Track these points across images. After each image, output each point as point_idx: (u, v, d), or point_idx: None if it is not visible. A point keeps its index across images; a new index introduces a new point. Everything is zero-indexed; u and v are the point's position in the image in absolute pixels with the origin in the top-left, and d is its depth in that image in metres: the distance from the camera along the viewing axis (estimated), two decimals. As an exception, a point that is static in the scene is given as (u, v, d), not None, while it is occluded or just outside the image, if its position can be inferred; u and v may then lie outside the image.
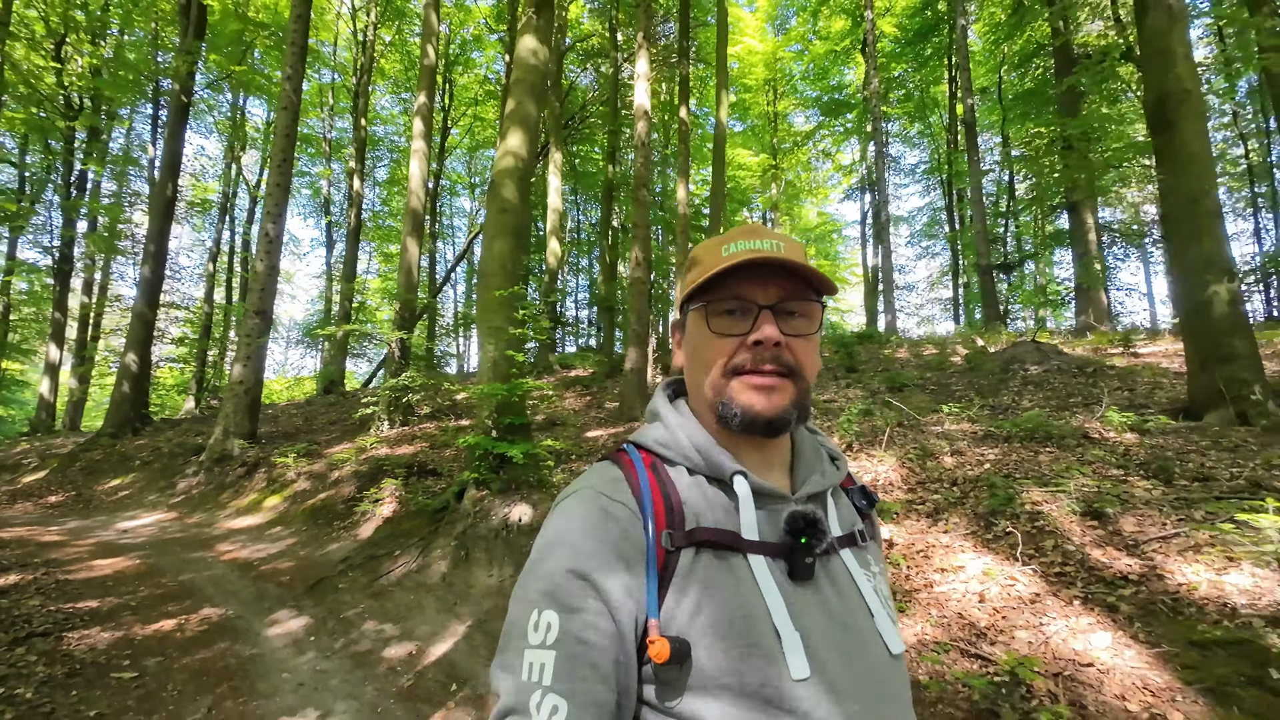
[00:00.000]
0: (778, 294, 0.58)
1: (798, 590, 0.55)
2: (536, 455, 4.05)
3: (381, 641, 2.90)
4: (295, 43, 8.87)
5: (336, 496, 5.52)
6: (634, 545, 0.53)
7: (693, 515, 0.56)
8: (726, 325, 0.59)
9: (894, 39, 19.90)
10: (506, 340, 4.51)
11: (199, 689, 2.47)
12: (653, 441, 0.62)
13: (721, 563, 0.54)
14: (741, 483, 0.57)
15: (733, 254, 0.59)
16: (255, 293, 8.37)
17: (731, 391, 0.58)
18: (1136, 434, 3.84)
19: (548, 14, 6.09)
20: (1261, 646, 1.57)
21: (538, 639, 0.49)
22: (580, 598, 0.50)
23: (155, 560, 4.44)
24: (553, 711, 0.46)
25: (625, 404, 6.83)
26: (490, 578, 3.37)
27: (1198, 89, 4.30)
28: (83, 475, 8.66)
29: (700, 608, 0.52)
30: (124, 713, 2.28)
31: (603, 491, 0.56)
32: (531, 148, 5.66)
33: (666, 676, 0.51)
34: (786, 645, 0.51)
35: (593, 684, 0.48)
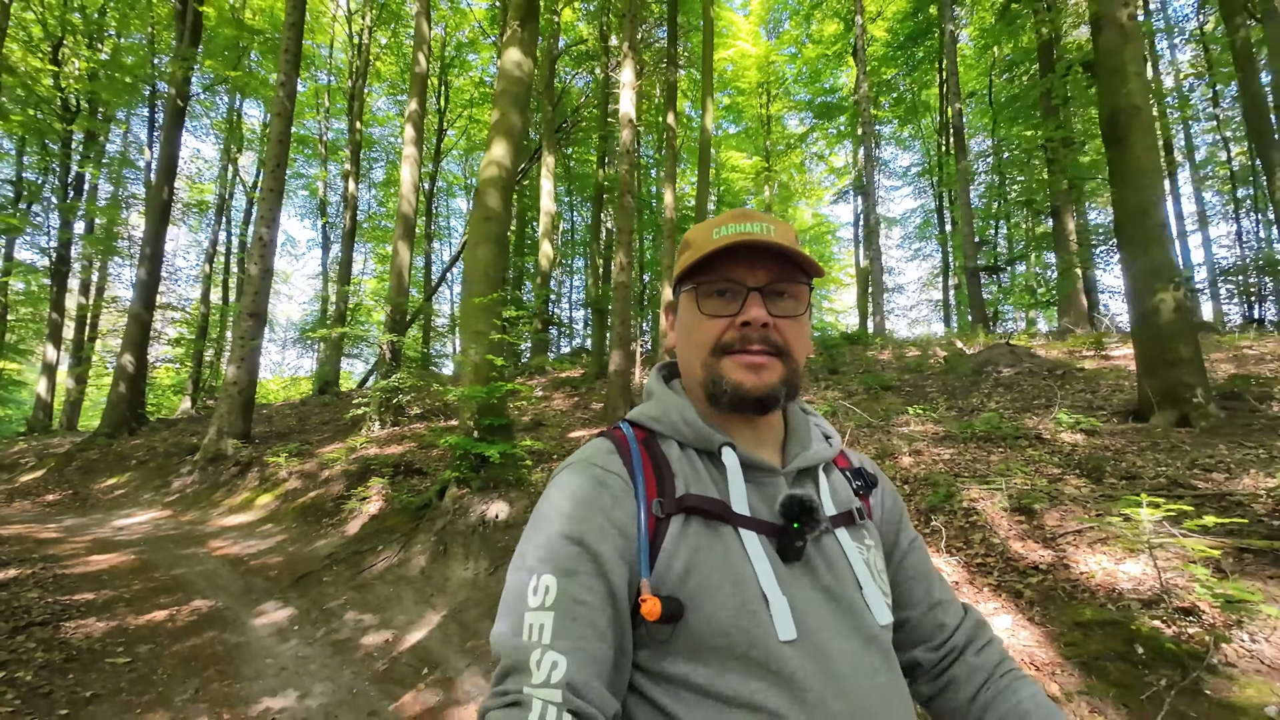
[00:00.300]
0: (766, 276, 0.60)
1: (788, 566, 0.57)
2: (515, 455, 4.24)
3: (360, 630, 3.08)
4: (289, 50, 9.04)
5: (326, 495, 5.70)
6: (626, 512, 0.55)
7: (683, 485, 0.58)
8: (716, 306, 0.61)
9: (885, 43, 20.11)
10: (488, 344, 4.69)
11: (187, 673, 2.65)
12: (645, 417, 0.65)
13: (711, 530, 0.56)
14: (730, 454, 0.59)
15: (723, 236, 0.60)
16: (249, 295, 8.53)
17: (722, 369, 0.60)
18: (1084, 435, 4.04)
19: (532, 26, 6.27)
20: (1132, 626, 1.75)
21: (536, 601, 0.50)
22: (576, 561, 0.52)
23: (149, 556, 4.62)
24: (552, 667, 0.47)
25: (610, 406, 7.02)
26: (466, 571, 3.55)
27: (1148, 105, 4.50)
28: (79, 474, 8.82)
29: (690, 571, 0.54)
30: (117, 694, 2.46)
31: (595, 463, 0.59)
32: (515, 158, 5.84)
33: (659, 635, 0.53)
34: (774, 608, 0.52)
35: (591, 641, 0.49)
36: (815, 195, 26.98)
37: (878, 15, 20.28)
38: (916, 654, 0.67)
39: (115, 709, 2.34)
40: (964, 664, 0.65)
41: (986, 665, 0.65)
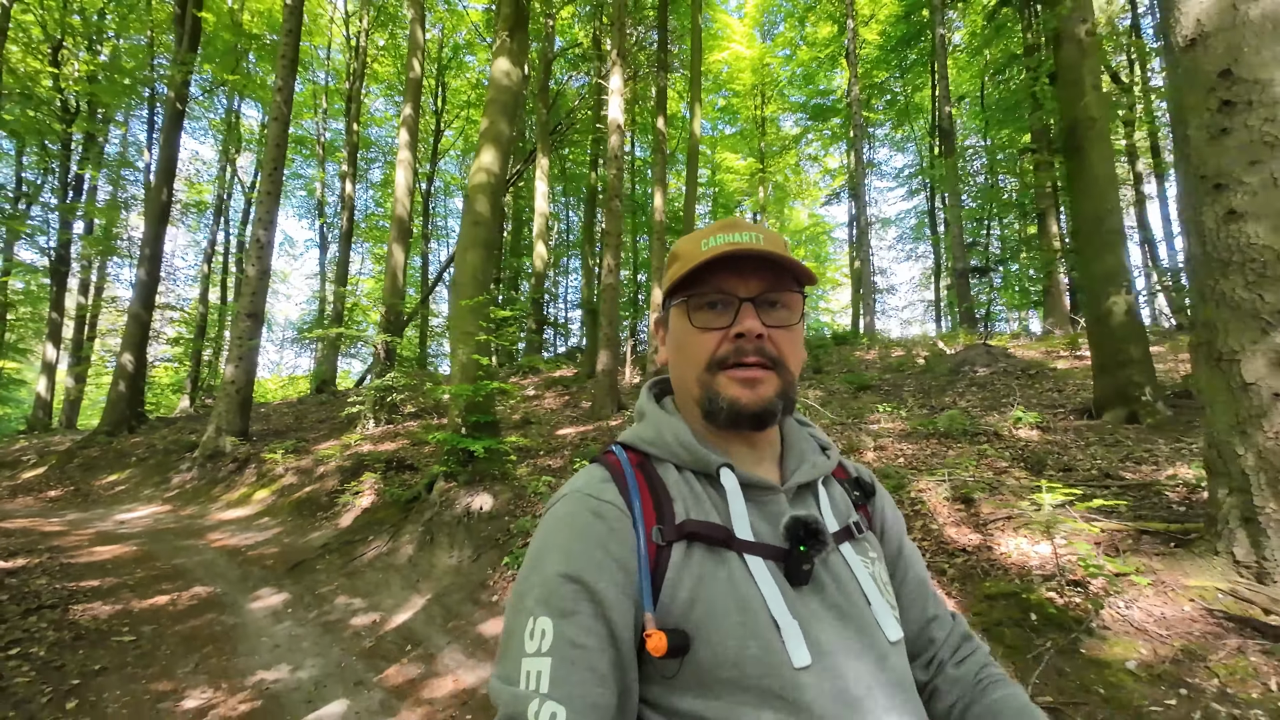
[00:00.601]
0: (758, 286, 0.59)
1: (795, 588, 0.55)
2: (500, 450, 4.45)
3: (350, 613, 3.29)
4: (286, 56, 9.22)
5: (320, 490, 5.91)
6: (624, 543, 0.53)
7: (682, 510, 0.56)
8: (708, 319, 0.59)
9: (878, 46, 20.31)
10: (475, 345, 4.91)
11: (188, 650, 2.86)
12: (639, 440, 0.63)
13: (714, 556, 0.54)
14: (728, 475, 0.58)
15: (711, 247, 0.58)
16: (247, 296, 8.73)
17: (717, 385, 0.58)
18: (1039, 431, 4.26)
19: (521, 36, 6.47)
20: (1029, 597, 1.97)
21: (533, 646, 0.49)
22: (574, 601, 0.50)
23: (150, 547, 4.83)
24: (551, 718, 0.45)
25: (597, 404, 7.23)
26: (450, 559, 3.77)
27: (1104, 117, 4.71)
28: (81, 471, 9.02)
29: (695, 600, 0.52)
30: (124, 667, 2.67)
31: (589, 493, 0.56)
32: (504, 164, 6.04)
33: (666, 671, 0.51)
34: (786, 634, 0.51)
35: (591, 687, 0.48)
36: (811, 196, 27.17)
37: (870, 18, 20.47)
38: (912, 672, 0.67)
39: (122, 680, 2.55)
40: (944, 676, 0.65)
41: (967, 676, 0.64)
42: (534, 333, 13.80)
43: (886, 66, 20.30)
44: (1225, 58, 2.05)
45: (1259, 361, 1.87)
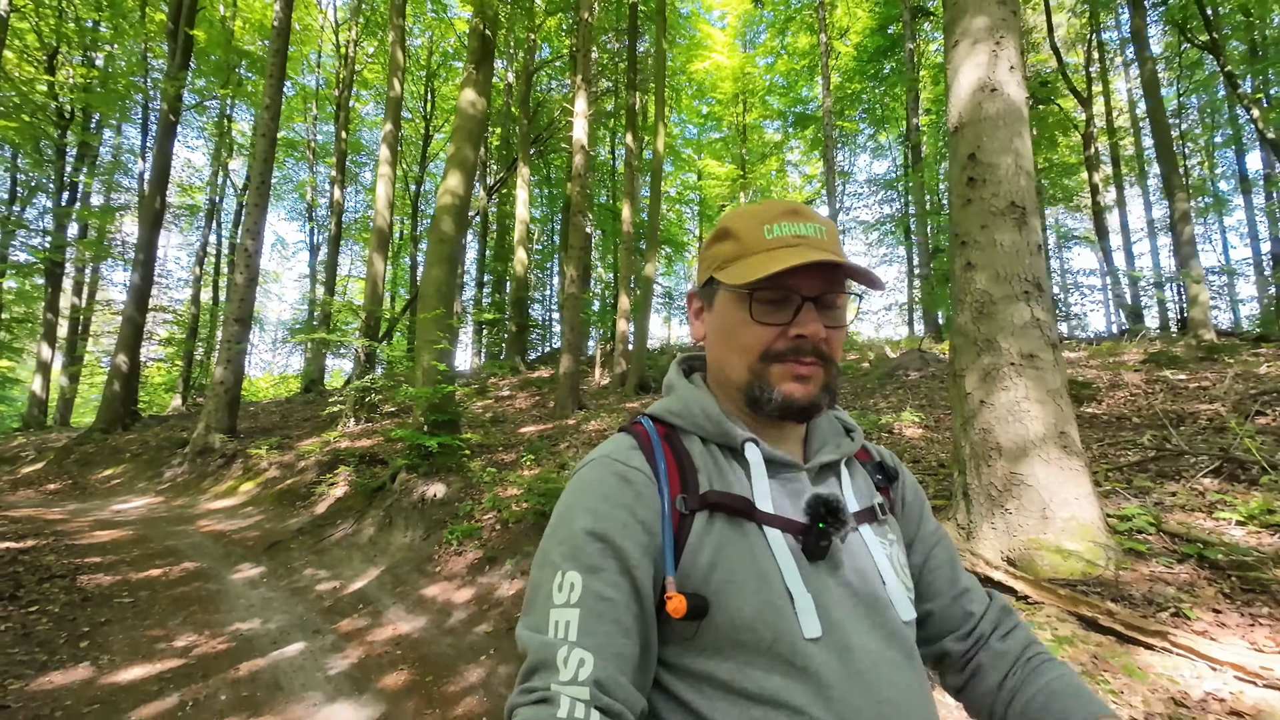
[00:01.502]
0: (821, 286, 0.59)
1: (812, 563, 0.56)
2: (454, 446, 5.06)
3: (315, 581, 3.90)
4: (273, 76, 9.77)
5: (300, 482, 6.50)
6: (649, 508, 0.55)
7: (706, 480, 0.58)
8: (767, 313, 0.59)
9: (853, 57, 21.00)
10: (435, 353, 5.51)
11: (178, 608, 3.46)
12: (666, 412, 0.64)
13: (735, 527, 0.56)
14: (753, 449, 0.59)
15: (776, 237, 0.59)
16: (235, 302, 9.29)
17: (771, 377, 0.59)
18: (924, 429, 4.90)
19: (486, 68, 7.07)
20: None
21: (562, 599, 0.50)
22: (601, 558, 0.52)
23: (145, 532, 5.41)
24: (579, 664, 0.47)
25: (559, 405, 7.84)
26: (405, 538, 4.38)
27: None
28: (77, 466, 9.56)
29: (715, 567, 0.53)
30: (124, 620, 3.27)
31: (617, 459, 0.59)
32: (468, 187, 6.65)
33: (684, 633, 0.53)
34: (799, 605, 0.52)
35: (617, 638, 0.50)
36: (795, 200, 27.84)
37: (846, 31, 21.14)
38: (945, 644, 0.67)
39: (124, 629, 3.15)
40: (989, 650, 0.66)
41: (1013, 650, 0.65)
42: (515, 335, 14.39)
43: (862, 77, 21.00)
44: (973, 143, 2.68)
45: (974, 377, 2.50)
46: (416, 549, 4.22)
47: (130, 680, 2.56)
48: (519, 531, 3.94)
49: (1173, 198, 9.91)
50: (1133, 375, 5.75)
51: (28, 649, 2.83)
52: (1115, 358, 7.36)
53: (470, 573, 3.73)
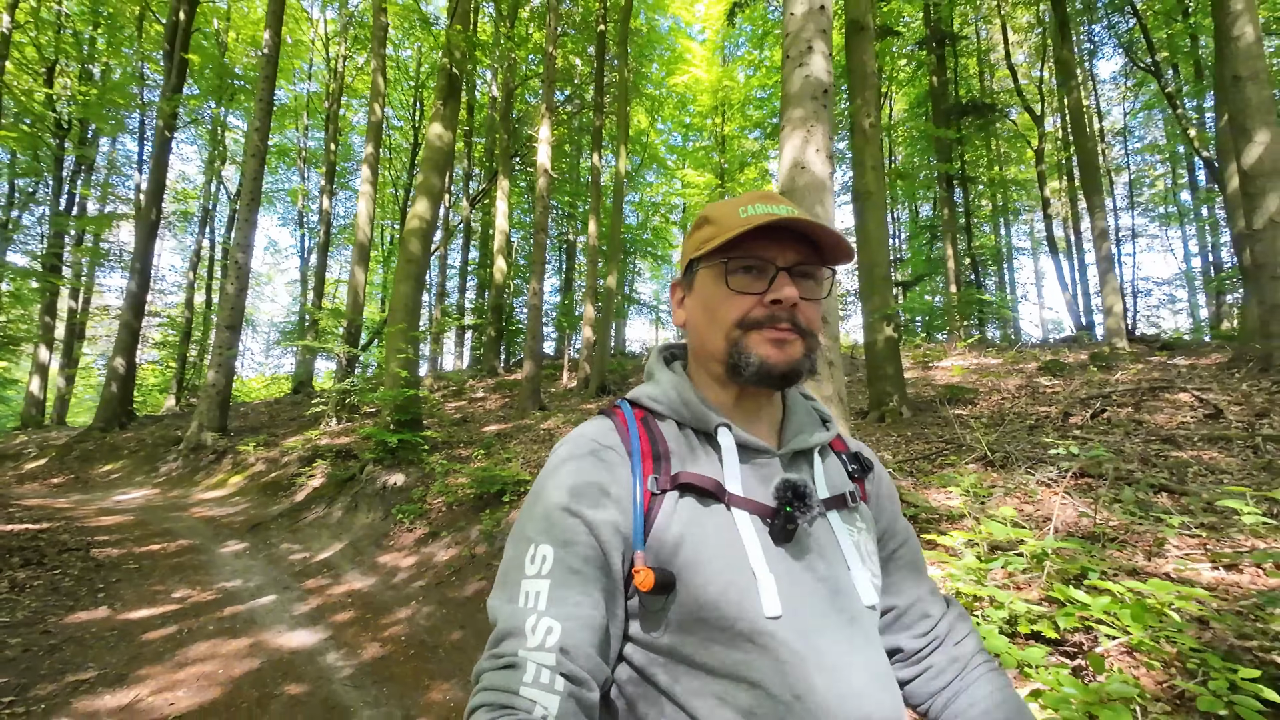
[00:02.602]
0: (795, 256, 0.61)
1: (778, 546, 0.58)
2: (413, 442, 5.85)
3: (289, 552, 4.69)
4: (262, 99, 10.52)
5: (283, 475, 7.27)
6: (622, 485, 0.58)
7: (678, 462, 0.61)
8: (744, 283, 0.61)
9: (826, 72, 21.87)
10: (401, 360, 6.30)
11: (174, 572, 4.25)
12: (644, 396, 0.67)
13: (704, 507, 0.58)
14: (725, 434, 0.61)
15: (752, 215, 0.60)
16: (226, 310, 10.04)
17: (748, 343, 0.61)
18: (816, 428, 5.72)
19: (453, 104, 7.87)
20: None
21: (534, 570, 0.53)
22: (573, 532, 0.55)
23: (144, 517, 6.17)
24: (547, 632, 0.49)
25: (519, 405, 8.64)
26: (367, 518, 5.17)
27: (880, 190, 6.19)
28: (78, 462, 10.28)
29: (682, 545, 0.55)
30: (131, 579, 4.05)
31: (593, 437, 0.61)
32: (435, 212, 7.44)
33: (651, 606, 0.55)
34: (761, 585, 0.54)
35: (585, 609, 0.52)
36: (770, 208, 28.67)
37: (817, 48, 22.00)
38: (900, 639, 0.69)
39: (131, 585, 3.93)
40: (944, 653, 0.69)
41: (964, 656, 0.68)
42: (494, 339, 15.16)
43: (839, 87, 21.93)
44: (788, 209, 3.51)
45: None
46: (375, 527, 5.01)
47: (139, 617, 3.35)
48: (460, 512, 4.74)
49: (1094, 216, 10.79)
50: (1007, 381, 6.60)
51: (57, 598, 3.61)
52: (1018, 365, 8.22)
53: (416, 545, 4.53)
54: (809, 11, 3.65)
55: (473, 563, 3.97)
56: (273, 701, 2.39)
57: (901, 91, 19.65)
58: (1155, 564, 2.06)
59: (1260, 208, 5.28)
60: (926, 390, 7.06)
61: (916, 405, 5.99)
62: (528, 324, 8.94)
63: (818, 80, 3.57)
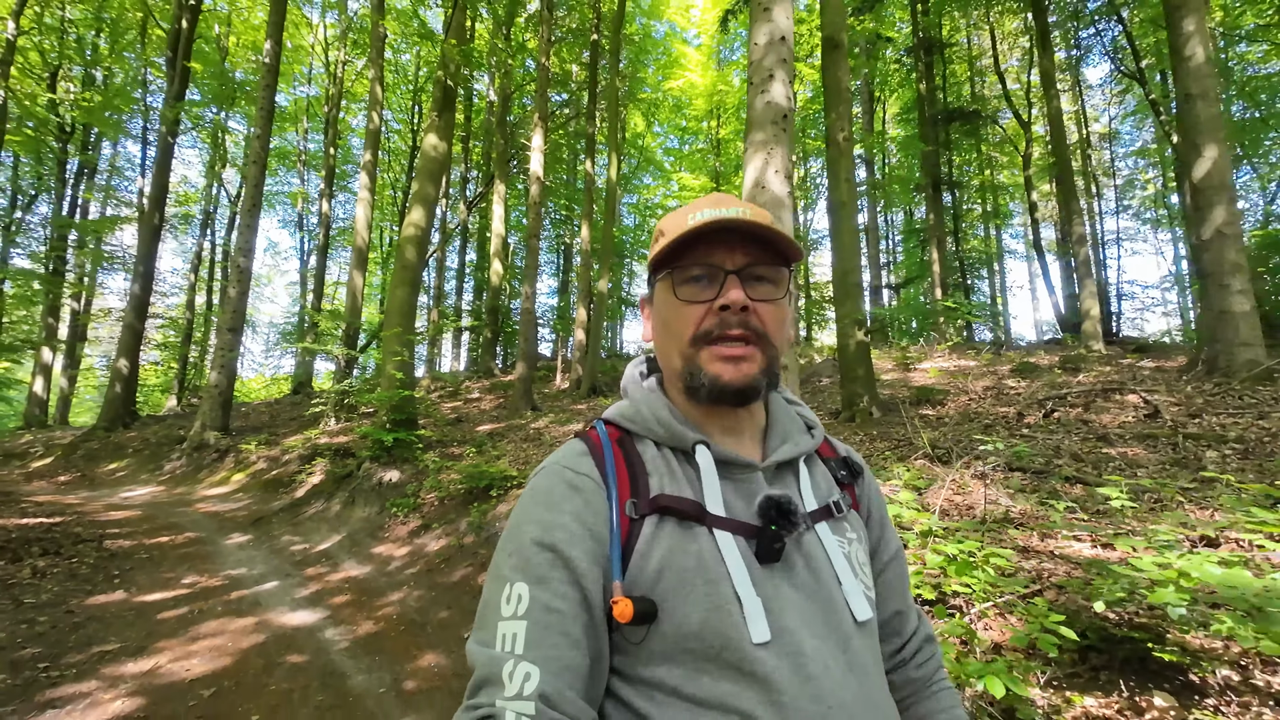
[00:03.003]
0: (744, 259, 0.59)
1: (764, 567, 0.56)
2: (407, 440, 6.16)
3: (289, 544, 4.99)
4: (264, 108, 10.82)
5: (284, 472, 7.57)
6: (597, 514, 0.56)
7: (657, 484, 0.58)
8: (693, 292, 0.60)
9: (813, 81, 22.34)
10: (397, 363, 6.61)
11: (183, 561, 4.55)
12: (620, 416, 0.65)
13: (685, 531, 0.56)
14: (703, 453, 0.59)
15: (698, 221, 0.59)
16: (228, 314, 10.34)
17: (700, 361, 0.59)
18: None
19: (449, 115, 8.18)
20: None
21: (509, 611, 0.51)
22: (549, 568, 0.52)
23: (152, 512, 6.47)
24: (525, 678, 0.47)
25: (512, 406, 8.94)
26: (363, 513, 5.47)
27: (852, 201, 6.50)
28: (84, 460, 10.57)
29: (663, 572, 0.54)
30: (144, 567, 4.34)
31: (567, 466, 0.59)
32: (429, 219, 7.74)
33: (633, 637, 0.53)
34: (747, 610, 0.52)
35: (564, 650, 0.50)
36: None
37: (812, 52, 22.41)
38: None
39: (144, 572, 4.23)
40: (904, 673, 0.69)
41: (923, 678, 0.69)
42: (490, 341, 15.46)
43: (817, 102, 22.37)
44: (750, 225, 3.80)
45: None
46: (371, 520, 5.31)
47: (153, 599, 3.65)
48: (451, 505, 5.04)
49: (1071, 222, 11.11)
50: (978, 383, 6.91)
51: (76, 583, 3.91)
52: (993, 367, 8.52)
53: (410, 536, 4.83)
54: (770, 42, 3.95)
55: (461, 551, 4.27)
56: (277, 668, 2.69)
57: (894, 96, 19.96)
58: (1046, 543, 2.37)
59: (1208, 219, 5.59)
60: (902, 391, 7.37)
61: (887, 406, 6.29)
62: (520, 327, 9.24)
63: (778, 106, 3.87)
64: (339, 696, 2.45)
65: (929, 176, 14.39)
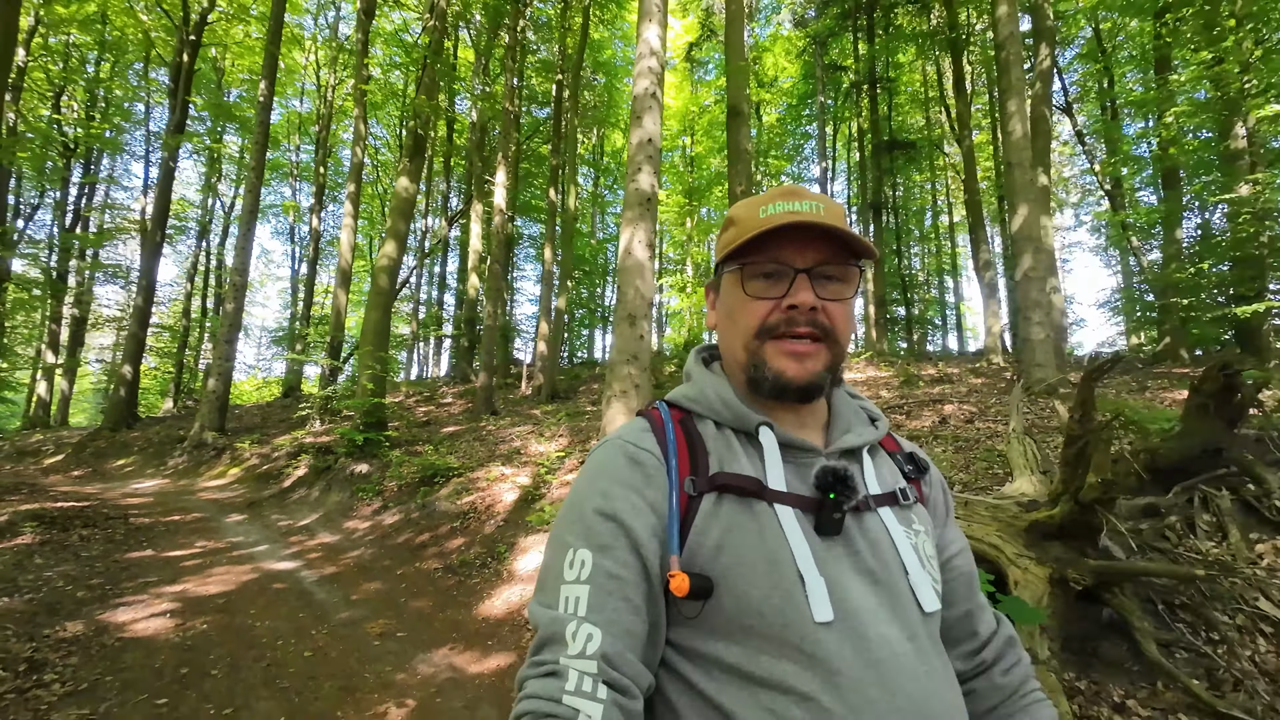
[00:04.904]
0: (815, 257, 0.59)
1: (826, 542, 0.56)
2: (376, 440, 7.47)
3: (278, 521, 6.29)
4: (259, 141, 12.09)
5: (274, 467, 8.85)
6: (658, 488, 0.57)
7: (716, 463, 0.59)
8: (762, 288, 0.60)
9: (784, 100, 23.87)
10: (370, 375, 7.91)
11: (194, 532, 5.84)
12: (682, 397, 0.66)
13: (745, 508, 0.56)
14: (767, 433, 0.60)
15: (770, 215, 0.59)
16: (225, 325, 11.59)
17: (765, 354, 0.60)
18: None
19: (419, 160, 9.51)
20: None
21: (573, 575, 0.52)
22: (611, 537, 0.54)
23: (162, 499, 7.74)
24: (588, 639, 0.49)
25: (475, 409, 10.26)
26: (337, 498, 6.78)
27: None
28: (93, 457, 11.78)
29: (722, 548, 0.54)
30: (164, 535, 5.63)
31: (629, 440, 0.61)
32: (401, 251, 9.06)
33: (689, 612, 0.54)
34: (810, 589, 0.52)
35: (625, 615, 0.51)
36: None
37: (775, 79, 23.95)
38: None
39: (165, 539, 5.52)
40: (988, 679, 0.66)
41: (1010, 685, 0.65)
42: (466, 350, 16.76)
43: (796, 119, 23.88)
44: (622, 281, 5.15)
45: (613, 397, 4.96)
46: (344, 503, 6.63)
47: (175, 555, 4.95)
48: (405, 490, 6.36)
49: (977, 250, 12.56)
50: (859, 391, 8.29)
51: (114, 546, 5.20)
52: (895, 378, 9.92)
53: (372, 515, 6.15)
54: (640, 143, 5.32)
55: (408, 523, 5.59)
56: (267, 590, 4.00)
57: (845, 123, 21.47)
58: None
59: (1019, 264, 7.01)
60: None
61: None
62: (483, 341, 10.56)
63: (643, 192, 5.24)
64: (307, 603, 3.78)
65: (869, 200, 15.85)
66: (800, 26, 20.05)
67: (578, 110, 12.55)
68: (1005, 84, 7.46)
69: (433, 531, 5.20)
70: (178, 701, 2.48)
